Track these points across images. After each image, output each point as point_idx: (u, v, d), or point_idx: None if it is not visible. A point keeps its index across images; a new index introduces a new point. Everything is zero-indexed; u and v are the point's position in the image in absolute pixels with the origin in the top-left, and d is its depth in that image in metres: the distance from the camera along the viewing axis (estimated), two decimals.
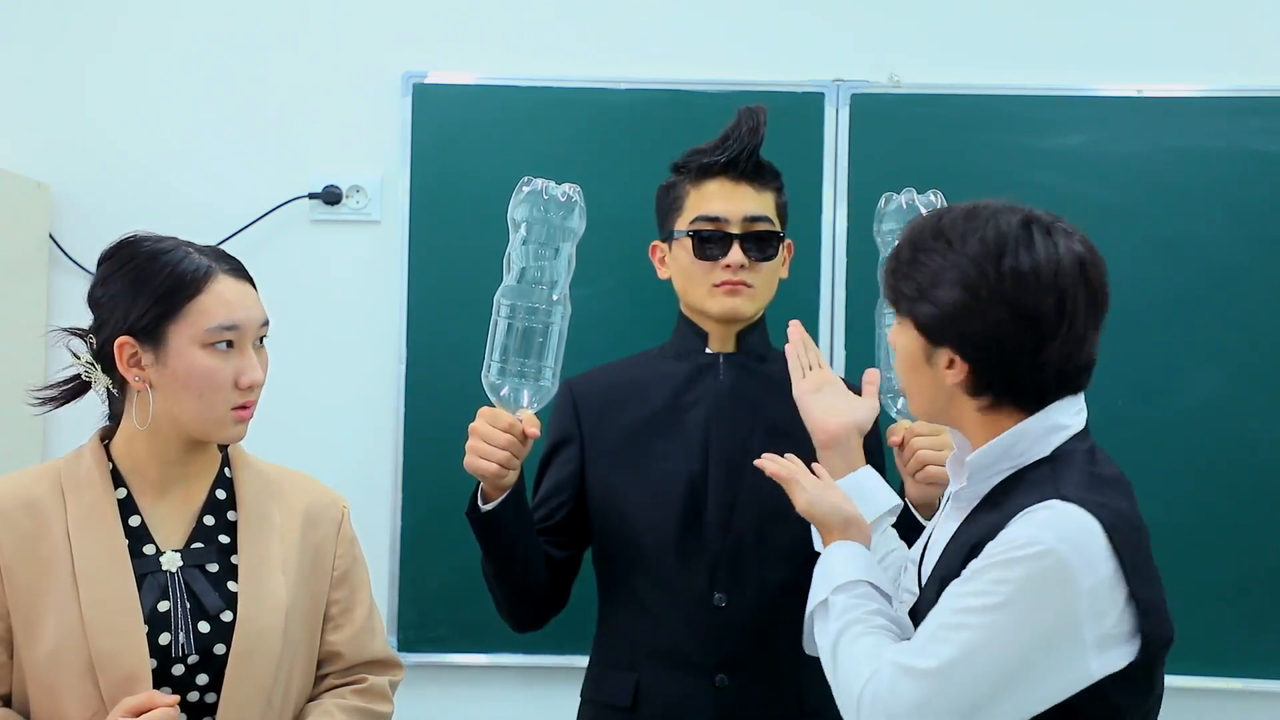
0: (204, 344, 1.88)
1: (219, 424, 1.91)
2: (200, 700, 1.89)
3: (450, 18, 3.20)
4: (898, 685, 1.65)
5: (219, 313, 1.88)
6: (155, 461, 1.94)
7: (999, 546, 1.65)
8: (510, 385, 2.20)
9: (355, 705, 2.01)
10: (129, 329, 1.88)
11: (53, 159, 3.17)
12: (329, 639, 2.03)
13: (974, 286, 1.69)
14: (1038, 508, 1.65)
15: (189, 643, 1.88)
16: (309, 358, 3.15)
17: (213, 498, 1.99)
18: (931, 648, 1.65)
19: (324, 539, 2.04)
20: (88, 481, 1.92)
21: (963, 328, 1.71)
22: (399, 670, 2.11)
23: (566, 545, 2.38)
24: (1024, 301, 1.69)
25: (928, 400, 1.80)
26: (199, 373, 1.88)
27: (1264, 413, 3.00)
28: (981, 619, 1.63)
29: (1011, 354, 1.70)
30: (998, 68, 3.11)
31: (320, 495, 2.08)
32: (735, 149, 2.30)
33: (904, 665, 1.66)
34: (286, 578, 1.96)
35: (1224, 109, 3.03)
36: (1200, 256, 3.02)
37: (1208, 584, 2.99)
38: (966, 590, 1.66)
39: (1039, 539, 1.62)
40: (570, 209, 2.22)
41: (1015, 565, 1.62)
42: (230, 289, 1.91)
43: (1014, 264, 1.69)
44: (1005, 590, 1.62)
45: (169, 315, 1.87)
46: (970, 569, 1.67)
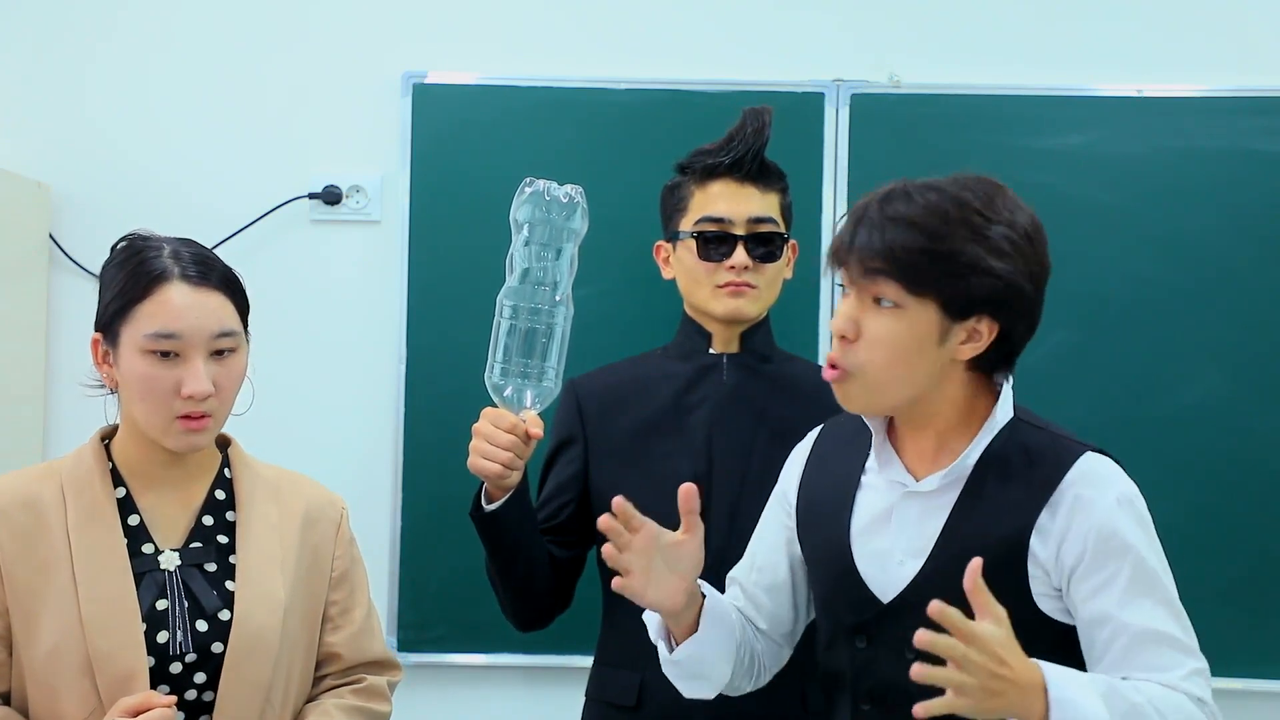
0: (143, 350, 1.85)
1: (165, 432, 1.88)
2: (198, 699, 1.89)
3: (450, 18, 3.20)
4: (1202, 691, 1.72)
5: (159, 320, 1.85)
6: (148, 461, 1.94)
7: (1096, 525, 1.73)
8: (513, 386, 2.20)
9: (354, 705, 2.01)
10: (98, 324, 1.91)
11: (53, 159, 3.17)
12: (327, 639, 2.02)
13: (1024, 252, 1.74)
14: (1087, 472, 1.77)
15: (186, 641, 1.88)
16: (309, 358, 3.15)
17: (212, 498, 1.98)
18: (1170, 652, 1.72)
19: (323, 540, 2.03)
20: (88, 481, 1.92)
21: (1016, 296, 1.74)
22: (398, 671, 2.11)
23: (570, 545, 2.39)
24: (1043, 260, 1.78)
25: (912, 385, 1.77)
26: (138, 379, 1.86)
27: (1264, 412, 3.00)
28: (1156, 577, 1.75)
29: (1036, 312, 1.78)
30: (998, 68, 3.11)
31: (319, 496, 2.08)
32: (740, 150, 2.30)
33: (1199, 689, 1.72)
34: (285, 578, 1.95)
35: (1224, 109, 3.03)
36: (1200, 256, 3.02)
37: (1208, 584, 2.98)
38: (1122, 580, 1.73)
39: (1120, 491, 1.77)
40: (573, 210, 2.22)
41: (1130, 528, 1.74)
42: (180, 296, 1.86)
43: (1029, 225, 1.76)
44: (1141, 549, 1.74)
45: (121, 315, 1.87)
46: (1094, 556, 1.73)
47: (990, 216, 1.73)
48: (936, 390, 1.78)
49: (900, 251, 1.71)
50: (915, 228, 1.72)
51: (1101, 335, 3.03)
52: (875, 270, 1.73)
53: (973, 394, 1.81)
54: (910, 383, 1.77)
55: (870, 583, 1.83)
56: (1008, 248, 1.73)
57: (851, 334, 1.76)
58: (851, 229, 1.77)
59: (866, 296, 1.76)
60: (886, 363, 1.75)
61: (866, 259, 1.74)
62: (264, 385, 3.33)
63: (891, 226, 1.73)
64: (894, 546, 1.82)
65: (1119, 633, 1.72)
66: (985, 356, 1.77)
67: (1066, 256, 2.97)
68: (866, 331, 1.75)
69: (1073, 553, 1.74)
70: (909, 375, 1.76)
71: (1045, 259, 1.78)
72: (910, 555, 1.80)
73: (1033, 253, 1.76)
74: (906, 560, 1.81)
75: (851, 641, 1.84)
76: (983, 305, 1.73)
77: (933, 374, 1.77)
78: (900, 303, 1.73)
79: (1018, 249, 1.73)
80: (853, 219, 1.78)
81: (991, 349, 1.76)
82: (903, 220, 1.72)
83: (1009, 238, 1.73)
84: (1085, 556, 1.73)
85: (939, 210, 1.72)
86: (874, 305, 1.75)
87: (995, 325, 1.75)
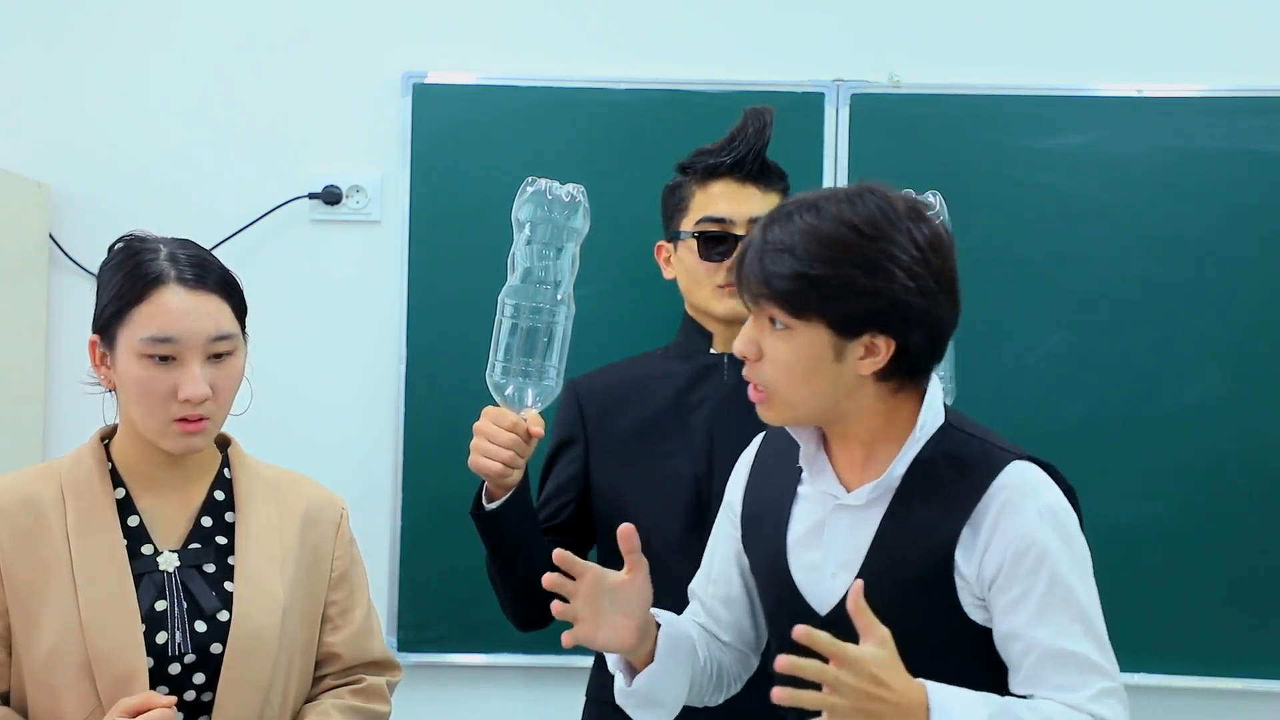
0: (139, 353, 1.85)
1: (162, 435, 1.88)
2: (197, 699, 1.89)
3: (450, 18, 3.20)
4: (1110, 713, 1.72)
5: (156, 323, 1.84)
6: (145, 462, 1.94)
7: (1015, 538, 1.71)
8: (514, 384, 2.21)
9: (353, 705, 2.01)
10: (96, 327, 1.91)
11: (53, 159, 3.17)
12: (327, 640, 2.02)
13: (909, 267, 1.71)
14: (1011, 482, 1.75)
15: (185, 642, 1.88)
16: (309, 358, 3.15)
17: (211, 498, 1.98)
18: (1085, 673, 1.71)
19: (322, 540, 2.03)
20: (87, 481, 1.92)
21: (905, 311, 1.71)
22: (397, 671, 2.11)
23: (571, 545, 2.36)
24: (940, 272, 1.73)
25: (822, 399, 1.76)
26: (135, 382, 1.86)
27: (1264, 412, 3.00)
28: (1071, 593, 1.72)
29: (937, 324, 1.75)
30: (998, 68, 3.11)
31: (319, 496, 2.08)
32: (742, 150, 2.31)
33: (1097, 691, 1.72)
34: (284, 579, 1.95)
35: (1224, 109, 3.03)
36: (1200, 256, 3.02)
37: (1208, 584, 2.99)
38: (1036, 596, 1.71)
39: (1043, 503, 1.74)
40: (574, 209, 2.22)
41: (1049, 541, 1.72)
42: (177, 300, 1.86)
43: (932, 234, 1.74)
44: (1059, 563, 1.72)
45: (118, 318, 1.86)
46: (1012, 569, 1.71)
47: (869, 234, 1.71)
48: (851, 403, 1.77)
49: (776, 280, 1.72)
50: (790, 254, 1.71)
51: (1101, 335, 3.03)
52: (760, 296, 1.75)
53: (891, 404, 1.79)
54: (818, 397, 1.76)
55: (807, 595, 1.83)
56: (886, 264, 1.70)
57: (752, 355, 1.77)
58: (741, 255, 1.78)
59: (763, 318, 1.76)
60: (789, 381, 1.76)
61: (751, 286, 1.75)
62: (264, 385, 3.33)
63: (770, 254, 1.73)
64: (827, 559, 1.82)
65: (1029, 649, 1.71)
66: (891, 369, 1.75)
67: (1066, 256, 3.04)
68: (766, 352, 1.76)
69: (992, 564, 1.73)
70: (814, 392, 1.75)
71: (945, 269, 1.74)
72: (842, 567, 1.80)
73: (924, 265, 1.72)
74: (839, 572, 1.80)
75: (794, 653, 1.83)
76: (870, 323, 1.72)
77: (839, 388, 1.75)
78: (789, 325, 1.74)
79: (899, 264, 1.70)
80: (744, 244, 1.79)
81: (893, 361, 1.74)
82: (779, 247, 1.72)
83: (887, 253, 1.70)
84: (1003, 569, 1.72)
85: (815, 233, 1.71)
86: (770, 326, 1.76)
87: (891, 340, 1.73)
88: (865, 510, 1.79)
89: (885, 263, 1.70)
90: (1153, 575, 2.99)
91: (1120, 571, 2.98)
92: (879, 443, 1.80)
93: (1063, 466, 2.95)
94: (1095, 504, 2.96)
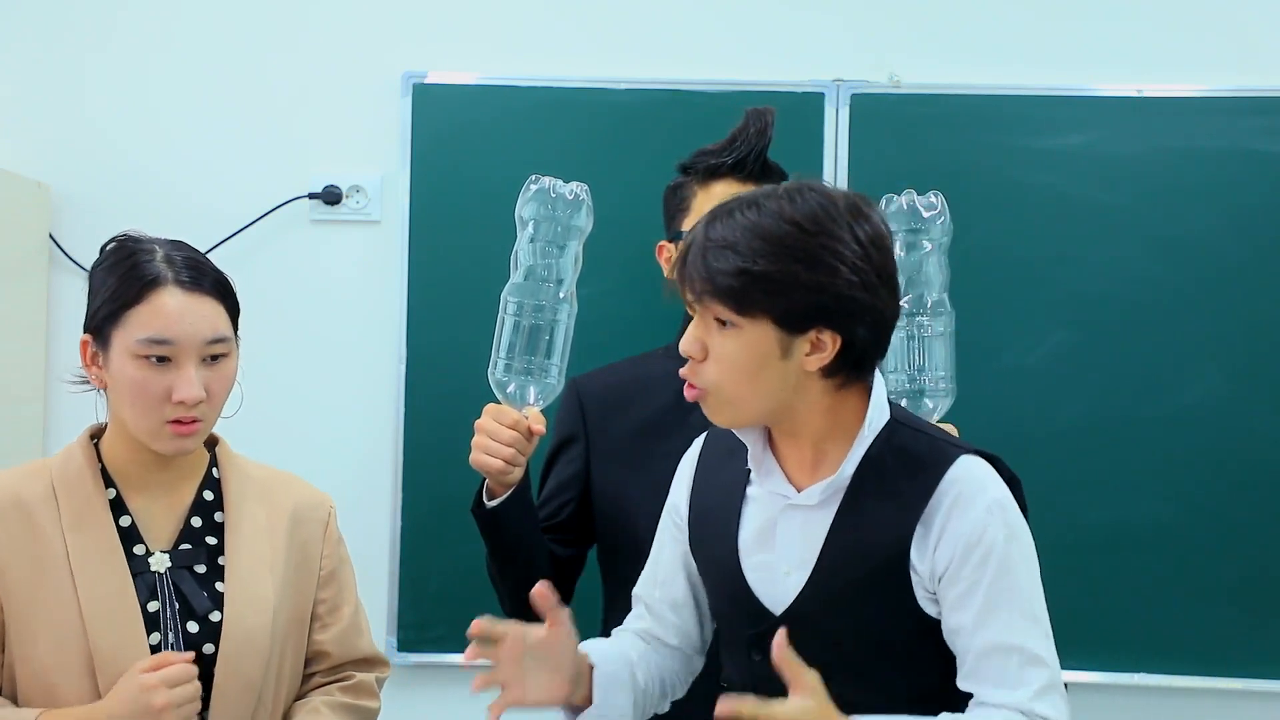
0: (135, 355, 1.84)
1: (155, 436, 1.88)
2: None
3: (450, 18, 3.20)
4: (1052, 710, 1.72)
5: (153, 325, 1.84)
6: (135, 463, 1.94)
7: (965, 533, 1.72)
8: (516, 382, 2.21)
9: (343, 702, 2.02)
10: (88, 328, 1.90)
11: (53, 159, 3.17)
12: (316, 638, 2.03)
13: (851, 262, 1.71)
14: (960, 477, 1.75)
15: (178, 643, 1.88)
16: (309, 358, 3.15)
17: (200, 499, 1.98)
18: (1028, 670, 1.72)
19: (311, 539, 2.04)
20: (79, 480, 1.92)
21: (849, 306, 1.71)
22: (386, 668, 2.12)
23: (571, 544, 2.39)
24: (882, 267, 1.74)
25: (769, 398, 1.75)
26: (129, 383, 1.85)
27: (1264, 413, 3.00)
28: (1016, 586, 1.73)
29: (880, 318, 1.75)
30: (998, 68, 3.11)
31: (307, 495, 2.08)
32: (743, 150, 2.31)
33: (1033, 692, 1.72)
34: (274, 578, 1.96)
35: (1224, 109, 3.03)
36: (1200, 256, 3.02)
37: (1208, 584, 2.99)
38: (981, 591, 1.72)
39: (991, 498, 1.73)
40: (578, 207, 2.22)
41: (995, 536, 1.72)
42: (174, 302, 1.86)
43: (873, 231, 1.74)
44: (1005, 558, 1.72)
45: (113, 319, 1.86)
46: (960, 563, 1.72)
47: (810, 229, 1.70)
48: (798, 400, 1.76)
49: (720, 276, 1.71)
50: (733, 251, 1.71)
51: (1101, 335, 3.03)
52: (705, 294, 1.73)
53: (838, 401, 1.79)
54: (765, 396, 1.75)
55: (761, 596, 1.82)
56: (829, 259, 1.70)
57: (698, 354, 1.76)
58: (683, 255, 1.77)
59: (708, 317, 1.75)
60: (735, 380, 1.74)
61: (695, 284, 1.74)
62: (264, 385, 3.34)
63: (713, 251, 1.72)
64: (780, 558, 1.81)
65: (973, 643, 1.72)
66: (837, 364, 1.75)
67: (1066, 256, 3.04)
68: (712, 350, 1.75)
69: (943, 559, 1.73)
70: (760, 389, 1.75)
71: (886, 265, 1.75)
72: (796, 567, 1.79)
73: (865, 260, 1.72)
74: (793, 571, 1.80)
75: (748, 654, 1.84)
76: (816, 318, 1.72)
77: (786, 386, 1.75)
78: (735, 323, 1.72)
79: (841, 259, 1.70)
80: (686, 242, 1.78)
81: (839, 357, 1.74)
82: (721, 244, 1.72)
83: (829, 249, 1.70)
84: (952, 563, 1.73)
85: (757, 230, 1.71)
86: (717, 325, 1.74)
87: (836, 335, 1.73)
88: (817, 509, 1.79)
89: (828, 258, 1.70)
90: (1153, 575, 2.99)
91: (1121, 571, 2.99)
92: (827, 441, 1.79)
93: (1062, 466, 2.99)
94: (1095, 504, 3.00)
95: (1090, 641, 2.98)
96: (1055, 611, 2.58)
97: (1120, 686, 3.01)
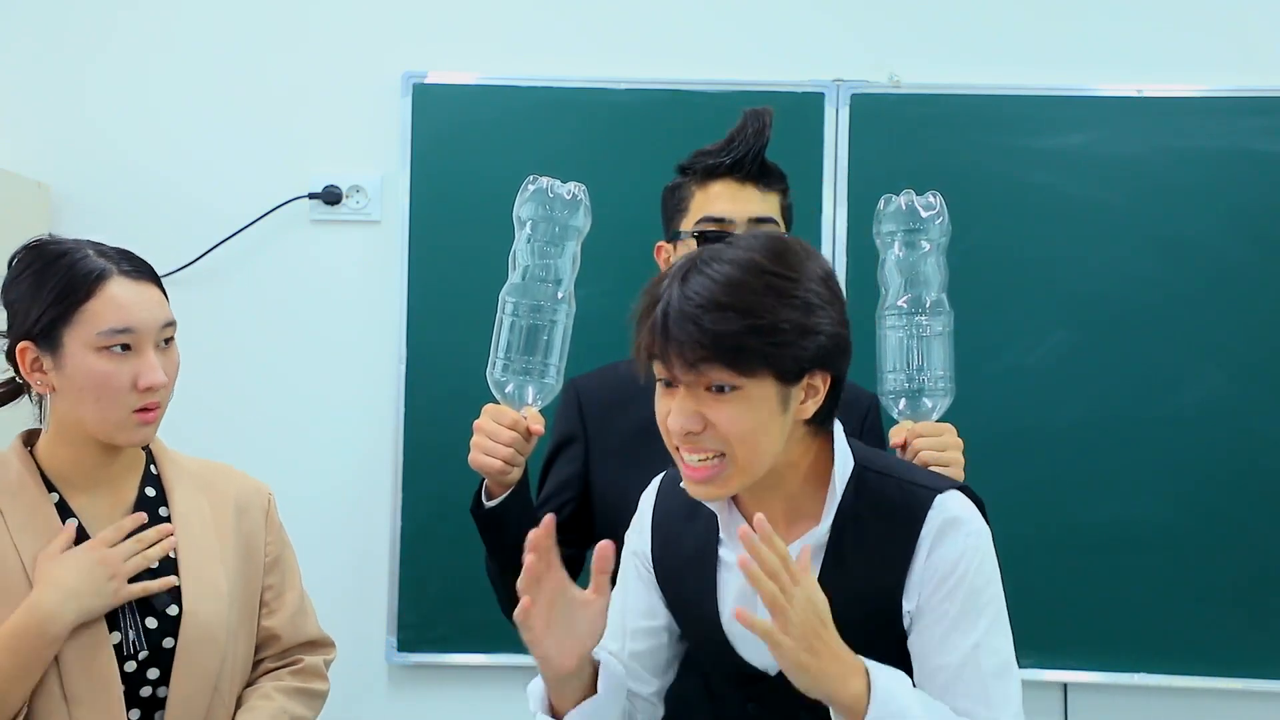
0: (97, 348, 1.85)
1: (121, 427, 1.88)
2: (153, 695, 1.90)
3: (450, 18, 3.20)
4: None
5: (111, 316, 1.85)
6: (76, 465, 1.93)
7: (940, 570, 1.70)
8: (515, 382, 2.21)
9: (294, 686, 2.03)
10: (28, 333, 1.88)
11: (53, 159, 3.18)
12: (265, 624, 2.05)
13: (827, 300, 1.68)
14: (939, 521, 1.72)
15: (139, 639, 1.89)
16: (309, 358, 3.15)
17: (143, 495, 1.98)
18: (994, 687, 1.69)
19: (254, 527, 2.06)
20: (21, 486, 1.90)
21: (838, 342, 1.69)
22: (332, 649, 2.14)
23: (570, 544, 2.38)
24: (842, 300, 1.72)
25: (770, 458, 1.69)
26: (94, 377, 1.85)
27: (1265, 413, 3.00)
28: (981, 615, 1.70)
29: (849, 352, 1.73)
30: (998, 68, 3.11)
31: (247, 485, 2.09)
32: (741, 150, 2.30)
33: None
34: (225, 568, 1.97)
35: (1224, 109, 3.04)
36: (1200, 256, 3.02)
37: (1208, 584, 2.99)
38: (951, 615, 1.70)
39: (970, 530, 1.72)
40: (575, 207, 2.22)
41: (969, 569, 1.70)
42: (125, 291, 1.87)
43: (822, 271, 1.71)
44: (977, 587, 1.70)
45: (63, 319, 1.85)
46: (932, 593, 1.70)
47: (788, 275, 1.66)
48: (784, 455, 1.71)
49: (725, 338, 1.61)
50: (729, 309, 1.62)
51: (1101, 335, 3.03)
52: (701, 361, 1.63)
53: (814, 449, 1.75)
54: (770, 455, 1.69)
55: (753, 660, 1.79)
56: (816, 300, 1.66)
57: (698, 428, 1.66)
58: (661, 322, 1.64)
59: (698, 388, 1.65)
60: (745, 447, 1.66)
61: (688, 352, 1.63)
62: (264, 385, 3.35)
63: (704, 314, 1.62)
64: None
65: (938, 670, 1.70)
66: (824, 408, 1.72)
67: (1066, 256, 3.04)
68: (712, 420, 1.65)
69: (923, 593, 1.72)
70: (768, 450, 1.68)
71: (842, 298, 1.71)
72: None
73: (833, 296, 1.69)
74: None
75: (743, 705, 1.81)
76: (812, 363, 1.67)
77: (784, 438, 1.70)
78: (736, 384, 1.64)
79: (823, 298, 1.67)
80: (655, 309, 1.66)
81: (827, 398, 1.71)
82: (712, 304, 1.62)
83: (812, 289, 1.67)
84: (923, 593, 1.71)
85: (742, 284, 1.63)
86: (710, 394, 1.65)
87: (827, 375, 1.70)
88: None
89: (811, 298, 1.66)
90: (1153, 575, 2.99)
91: (1121, 571, 2.99)
92: (799, 494, 1.76)
93: (1063, 466, 3.00)
94: (1095, 504, 3.01)
95: (1090, 641, 2.98)
96: (1055, 611, 2.60)
97: (1120, 686, 3.01)
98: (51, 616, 1.80)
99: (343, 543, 3.13)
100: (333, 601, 2.38)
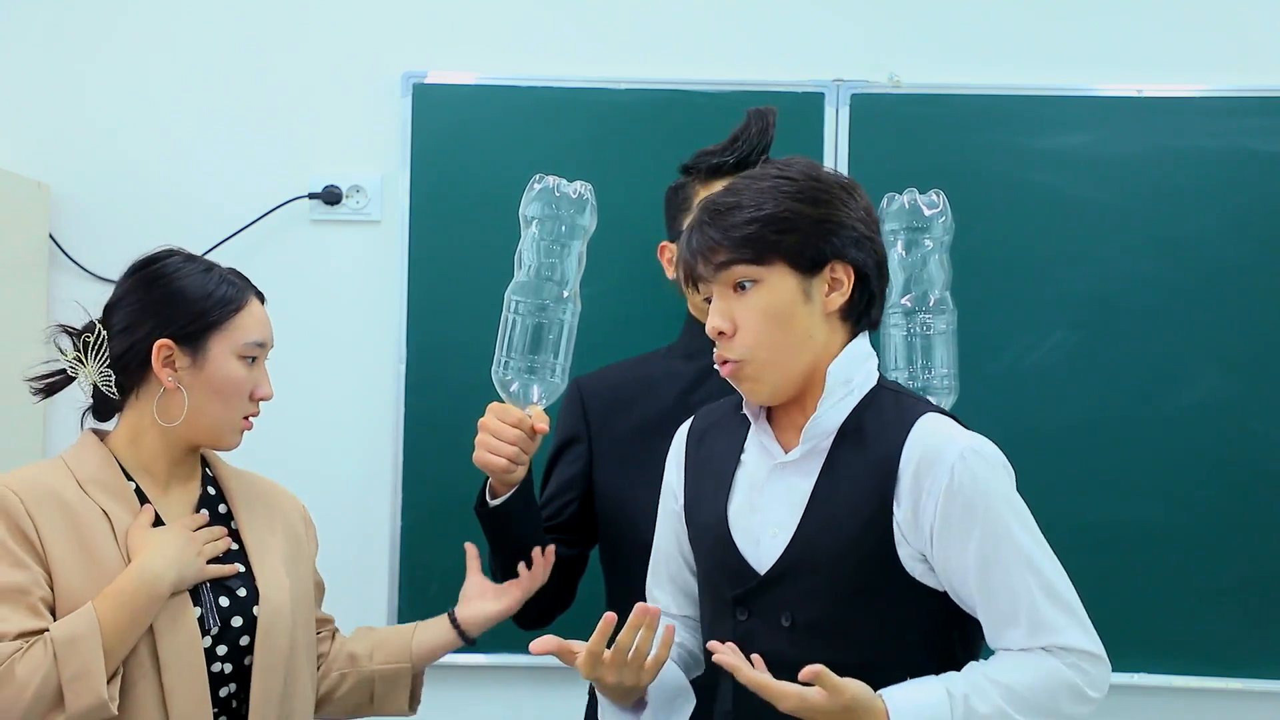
0: (240, 355, 2.07)
1: (231, 430, 2.10)
2: (220, 671, 2.01)
3: (450, 18, 3.20)
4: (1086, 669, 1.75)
5: (255, 330, 2.09)
6: (163, 459, 2.08)
7: (944, 485, 1.76)
8: (520, 381, 2.21)
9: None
10: (171, 333, 2.02)
11: (53, 159, 3.17)
12: (320, 613, 2.28)
13: (846, 202, 1.84)
14: (924, 433, 1.79)
15: (214, 616, 2.01)
16: (309, 358, 3.15)
17: (205, 493, 2.13)
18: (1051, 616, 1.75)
19: (296, 530, 2.22)
20: (103, 473, 2.03)
21: (855, 234, 1.83)
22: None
23: (573, 543, 2.39)
24: (865, 208, 1.88)
25: (802, 350, 1.83)
26: (231, 380, 2.06)
27: (1265, 412, 3.00)
28: (1011, 536, 1.76)
29: (881, 255, 1.88)
30: (998, 68, 3.11)
31: (286, 494, 2.27)
32: (745, 150, 2.31)
33: (1074, 650, 1.75)
34: (283, 562, 2.13)
35: (1224, 109, 3.03)
36: (1200, 256, 3.02)
37: (1208, 584, 2.99)
38: (976, 537, 1.75)
39: (962, 446, 1.78)
40: (582, 206, 2.23)
41: (977, 483, 1.76)
42: (260, 311, 2.13)
43: (836, 179, 1.89)
44: (993, 503, 1.76)
45: (215, 325, 2.05)
46: (947, 521, 1.75)
47: (795, 177, 1.84)
48: (826, 353, 1.84)
49: (733, 230, 1.81)
50: (737, 208, 1.82)
51: (1101, 335, 3.03)
52: (721, 262, 1.82)
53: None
54: (798, 349, 1.82)
55: (747, 556, 1.87)
56: (825, 195, 1.83)
57: (729, 328, 1.83)
58: (687, 239, 1.87)
59: (727, 290, 1.83)
60: (770, 339, 1.82)
61: (709, 255, 1.83)
62: None
63: (718, 219, 1.83)
64: (766, 519, 1.87)
65: (976, 591, 1.77)
66: (854, 304, 1.84)
67: (1066, 256, 3.04)
68: (739, 319, 1.83)
69: (928, 516, 1.77)
70: (793, 343, 1.82)
71: (869, 207, 1.88)
72: (781, 527, 1.85)
73: (850, 199, 1.85)
74: (779, 532, 1.85)
75: (732, 614, 1.88)
76: (828, 252, 1.81)
77: (814, 335, 1.82)
78: (755, 277, 1.81)
79: (833, 195, 1.83)
80: (685, 235, 1.88)
81: (855, 293, 1.83)
82: (724, 208, 1.83)
83: (819, 188, 1.83)
84: (939, 518, 1.76)
85: (751, 188, 1.83)
86: (737, 293, 1.83)
87: (849, 268, 1.82)
88: (800, 468, 1.85)
89: (828, 197, 1.82)
90: (1153, 575, 2.99)
91: (1121, 571, 2.99)
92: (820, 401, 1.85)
93: (1063, 466, 3.00)
94: (1095, 504, 3.01)
95: None
96: None
97: (1120, 686, 2.97)
98: (159, 577, 1.94)
99: (343, 542, 3.11)
100: (333, 601, 2.38)
